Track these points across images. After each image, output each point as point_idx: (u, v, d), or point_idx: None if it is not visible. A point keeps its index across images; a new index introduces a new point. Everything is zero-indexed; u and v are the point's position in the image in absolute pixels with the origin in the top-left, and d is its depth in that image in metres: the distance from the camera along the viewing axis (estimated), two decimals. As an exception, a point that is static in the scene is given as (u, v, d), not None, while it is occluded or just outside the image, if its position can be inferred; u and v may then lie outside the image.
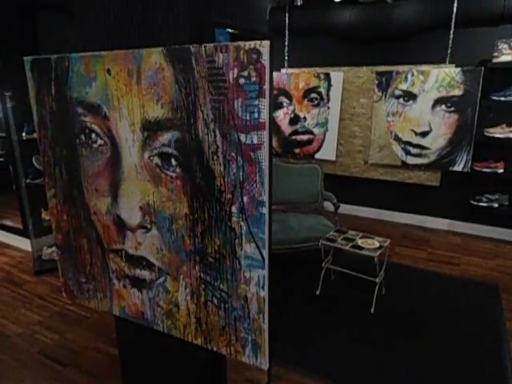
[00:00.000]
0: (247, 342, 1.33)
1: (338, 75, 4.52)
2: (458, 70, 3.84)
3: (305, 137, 4.85)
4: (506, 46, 3.67)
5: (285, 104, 4.86)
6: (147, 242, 1.43)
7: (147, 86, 1.24)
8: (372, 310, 2.94)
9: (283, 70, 4.86)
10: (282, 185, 3.83)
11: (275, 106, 4.94)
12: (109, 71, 1.31)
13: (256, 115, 1.09)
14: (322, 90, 4.62)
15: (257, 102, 1.08)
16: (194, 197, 1.28)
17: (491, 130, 3.89)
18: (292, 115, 4.85)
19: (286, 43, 4.74)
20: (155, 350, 1.70)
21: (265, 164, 1.12)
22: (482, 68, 3.74)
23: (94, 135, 1.42)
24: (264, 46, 1.03)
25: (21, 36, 3.57)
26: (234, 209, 1.21)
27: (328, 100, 4.62)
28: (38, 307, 3.05)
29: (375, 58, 4.37)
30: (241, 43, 1.05)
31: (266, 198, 1.15)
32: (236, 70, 1.08)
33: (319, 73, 4.60)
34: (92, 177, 1.48)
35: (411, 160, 4.29)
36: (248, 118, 1.10)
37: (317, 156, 4.82)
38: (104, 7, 1.34)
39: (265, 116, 1.08)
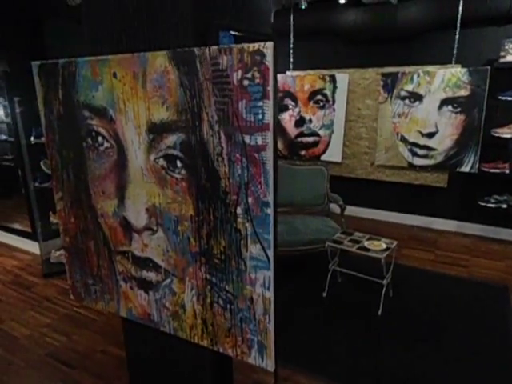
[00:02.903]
0: (253, 344, 1.33)
1: (343, 77, 4.52)
2: (465, 70, 3.82)
3: (310, 139, 4.85)
4: (512, 45, 3.64)
5: (290, 106, 4.87)
6: (153, 243, 1.44)
7: (152, 89, 1.26)
8: (379, 312, 2.92)
9: (288, 73, 4.87)
10: (287, 187, 3.83)
11: (281, 108, 4.94)
12: (115, 75, 1.33)
13: (260, 116, 1.10)
14: (328, 92, 4.62)
15: (261, 104, 1.08)
16: (199, 198, 1.28)
17: (499, 130, 3.85)
18: (297, 117, 4.86)
19: (291, 45, 4.75)
20: (162, 351, 1.71)
21: (269, 165, 1.12)
22: (489, 68, 3.72)
23: (100, 138, 1.44)
24: (268, 48, 1.04)
25: (29, 42, 3.62)
26: (239, 210, 1.21)
27: (333, 102, 4.62)
28: (47, 309, 3.07)
29: (380, 60, 4.37)
30: (244, 45, 1.06)
31: (270, 198, 1.15)
32: (240, 72, 1.09)
33: (324, 75, 4.61)
34: (99, 179, 1.50)
35: (418, 161, 4.27)
36: (252, 119, 1.11)
37: (323, 158, 4.81)
38: (110, 12, 1.36)
39: (269, 117, 1.08)
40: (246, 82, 1.09)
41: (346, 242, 3.07)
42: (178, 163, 1.29)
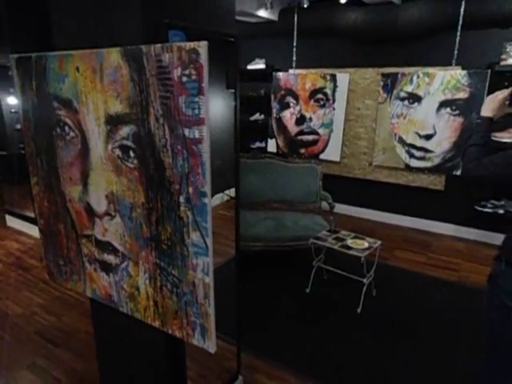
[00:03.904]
0: (196, 326, 1.40)
1: (343, 76, 4.53)
2: (465, 72, 3.78)
3: (310, 137, 4.88)
4: (514, 48, 3.58)
5: (291, 104, 4.91)
6: (112, 228, 1.54)
7: (108, 83, 1.35)
8: (359, 311, 2.95)
9: (291, 71, 4.90)
10: (280, 184, 3.88)
11: (282, 106, 4.99)
12: (78, 69, 1.42)
13: (197, 111, 1.17)
14: (328, 91, 4.63)
15: (197, 99, 1.15)
16: (148, 187, 1.37)
17: (498, 134, 3.79)
18: (298, 115, 4.89)
19: (295, 44, 4.79)
20: (123, 330, 1.81)
21: (206, 157, 1.19)
22: (489, 71, 3.66)
23: (67, 128, 1.54)
24: (201, 47, 1.10)
25: (38, 31, 3.76)
26: (181, 199, 1.29)
27: (334, 101, 4.63)
28: (41, 291, 3.24)
29: (381, 60, 4.35)
30: (182, 44, 1.13)
31: (207, 188, 1.22)
32: (180, 69, 1.16)
33: (325, 74, 4.63)
34: (66, 166, 1.60)
35: (415, 163, 4.24)
36: (190, 113, 1.18)
37: (321, 157, 4.83)
38: (72, 9, 1.45)
39: (204, 112, 1.15)
40: (184, 79, 1.16)
41: (330, 240, 3.11)
42: (131, 153, 1.37)
